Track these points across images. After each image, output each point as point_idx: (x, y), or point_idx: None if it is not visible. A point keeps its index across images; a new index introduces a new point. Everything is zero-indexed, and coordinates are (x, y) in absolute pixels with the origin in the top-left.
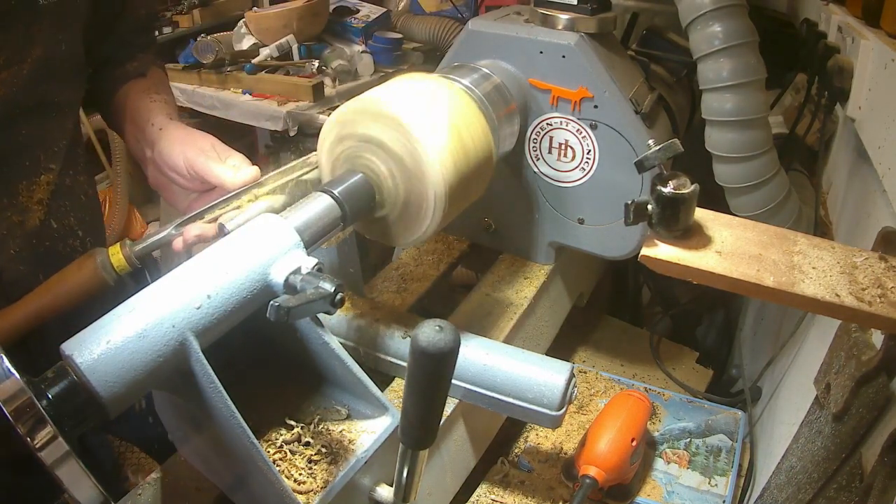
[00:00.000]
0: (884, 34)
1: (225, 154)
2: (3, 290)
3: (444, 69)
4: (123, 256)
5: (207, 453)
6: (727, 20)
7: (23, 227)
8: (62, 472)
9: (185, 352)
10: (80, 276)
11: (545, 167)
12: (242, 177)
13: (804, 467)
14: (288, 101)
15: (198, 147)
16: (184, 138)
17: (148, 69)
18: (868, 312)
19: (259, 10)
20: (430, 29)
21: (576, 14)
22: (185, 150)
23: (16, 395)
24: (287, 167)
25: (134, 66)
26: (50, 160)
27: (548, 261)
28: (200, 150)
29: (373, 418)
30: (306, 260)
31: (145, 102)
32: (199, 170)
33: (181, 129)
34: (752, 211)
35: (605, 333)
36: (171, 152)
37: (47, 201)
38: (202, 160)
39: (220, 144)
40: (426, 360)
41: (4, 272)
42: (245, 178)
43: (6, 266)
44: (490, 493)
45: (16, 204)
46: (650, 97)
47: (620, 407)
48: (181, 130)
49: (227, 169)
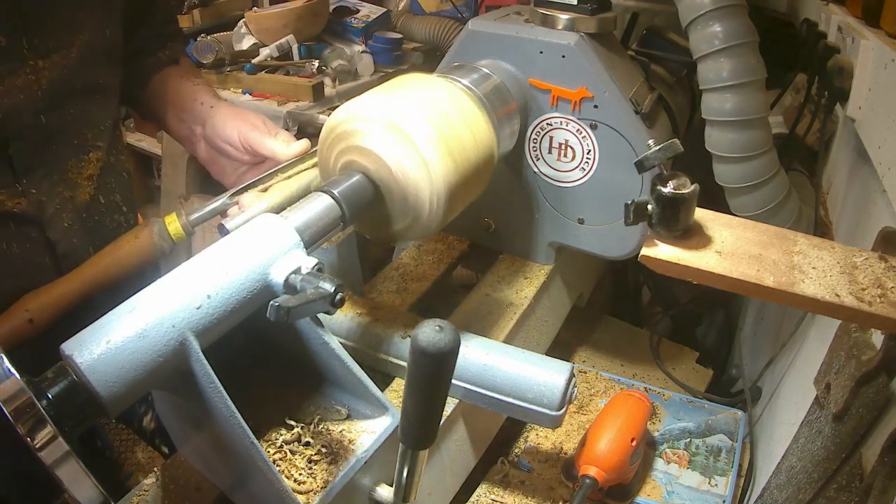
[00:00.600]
0: (884, 34)
1: (275, 130)
2: (56, 263)
3: (444, 69)
4: (180, 225)
5: (207, 453)
6: (727, 20)
7: (73, 201)
8: (62, 472)
9: (185, 352)
10: (136, 244)
11: (545, 167)
12: (295, 149)
13: (804, 467)
14: (288, 101)
15: (250, 122)
16: (236, 114)
17: (179, 56)
18: (868, 312)
19: (259, 10)
20: (430, 29)
21: (576, 14)
22: (239, 124)
23: (16, 395)
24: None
25: (167, 53)
26: (97, 138)
27: (548, 261)
28: (253, 125)
29: (373, 418)
30: (306, 260)
31: (187, 86)
32: (253, 143)
33: (231, 106)
34: (752, 211)
35: (605, 333)
36: (225, 127)
37: (96, 178)
38: (255, 134)
39: (268, 121)
40: (426, 360)
41: (58, 245)
42: (297, 150)
43: (60, 239)
44: (490, 493)
45: (66, 180)
46: (650, 97)
47: (620, 407)
48: (231, 108)
49: (279, 143)
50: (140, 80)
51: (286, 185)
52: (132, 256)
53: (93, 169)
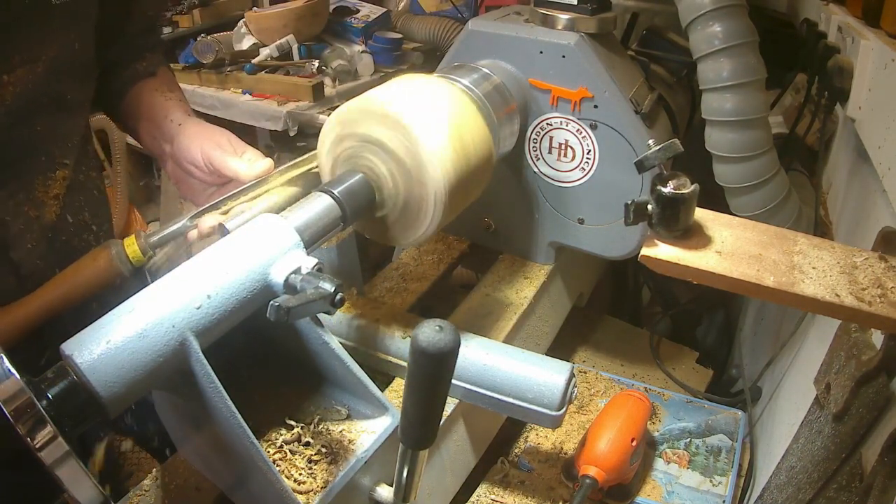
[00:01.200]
0: (884, 34)
1: (241, 149)
2: (21, 283)
3: (444, 69)
4: (138, 247)
5: (207, 453)
6: (727, 20)
7: (39, 221)
8: (62, 472)
9: (185, 352)
10: (95, 267)
11: (545, 167)
12: (256, 169)
13: (804, 467)
14: (288, 101)
15: (214, 141)
16: (201, 133)
17: (157, 69)
18: (868, 312)
19: (259, 10)
20: (430, 29)
21: (576, 14)
22: (203, 144)
23: (16, 395)
24: (287, 166)
25: (143, 65)
26: (64, 156)
27: (548, 261)
28: (217, 144)
29: (373, 418)
30: (306, 260)
31: (160, 100)
32: (215, 163)
33: (199, 124)
34: (752, 211)
35: (605, 333)
36: (190, 146)
37: (63, 196)
38: (218, 154)
39: (235, 139)
40: (426, 360)
41: (22, 266)
42: (259, 170)
43: (24, 259)
44: (490, 493)
45: (32, 199)
46: (650, 97)
47: (620, 407)
48: (199, 126)
49: (242, 162)
50: (117, 91)
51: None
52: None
53: (59, 188)
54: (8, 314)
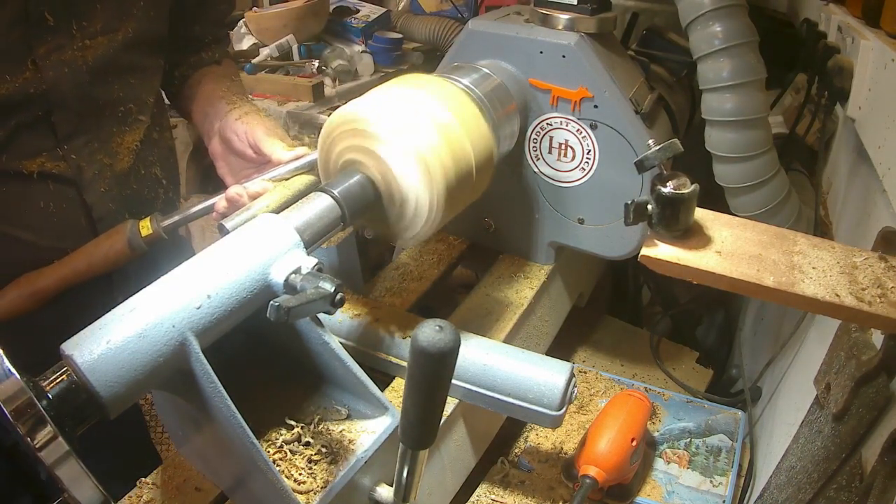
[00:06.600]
0: (884, 34)
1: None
2: (92, 225)
3: (444, 69)
4: (152, 229)
5: (207, 453)
6: (727, 20)
7: (112, 169)
8: (62, 472)
9: (185, 352)
10: (110, 244)
11: (545, 167)
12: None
13: (804, 467)
14: (288, 101)
15: (262, 123)
16: (252, 112)
17: (223, 59)
18: (868, 312)
19: (259, 10)
20: (430, 29)
21: (576, 14)
22: (250, 120)
23: (16, 395)
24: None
25: (209, 54)
26: (141, 112)
27: (548, 261)
28: (262, 124)
29: (373, 418)
30: (306, 260)
31: (221, 85)
32: (256, 137)
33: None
34: (752, 211)
35: (605, 333)
36: (238, 120)
37: (137, 150)
38: (262, 131)
39: (280, 128)
40: (426, 360)
41: (94, 208)
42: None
43: (96, 203)
44: (490, 493)
45: (107, 148)
46: (650, 97)
47: (620, 407)
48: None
49: (279, 143)
50: (182, 74)
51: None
52: (108, 255)
53: (133, 141)
54: (30, 282)
